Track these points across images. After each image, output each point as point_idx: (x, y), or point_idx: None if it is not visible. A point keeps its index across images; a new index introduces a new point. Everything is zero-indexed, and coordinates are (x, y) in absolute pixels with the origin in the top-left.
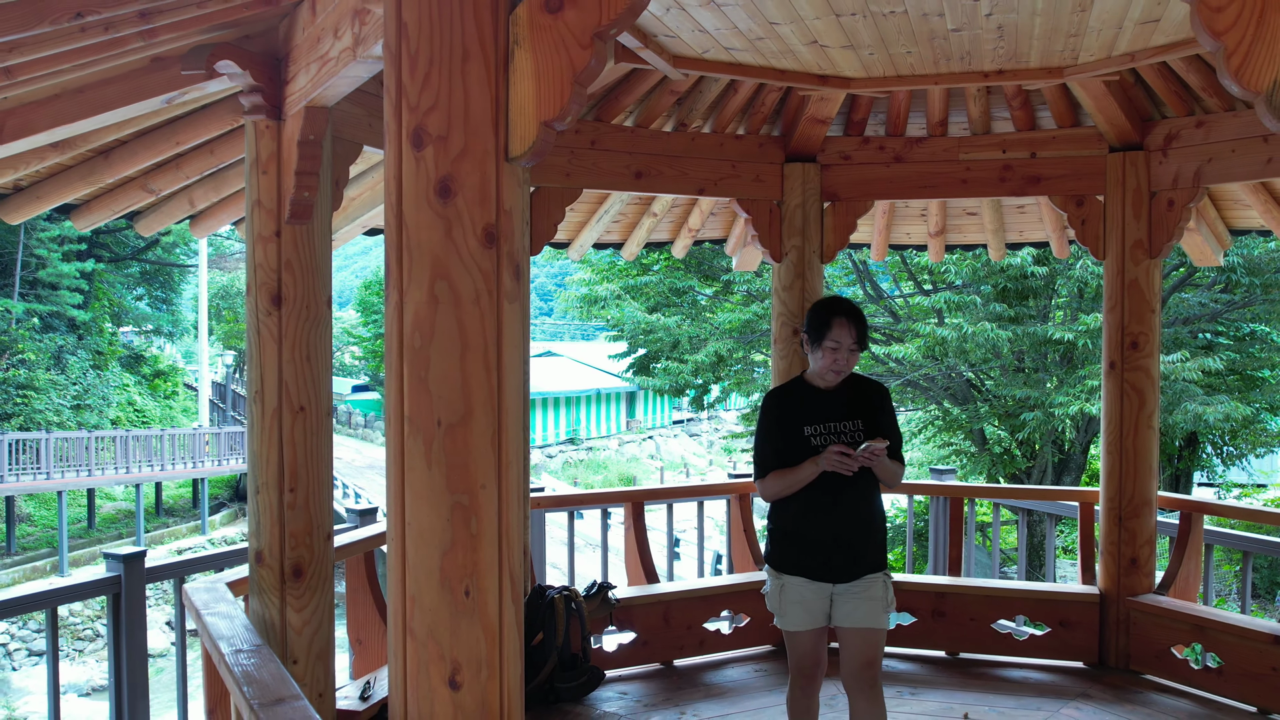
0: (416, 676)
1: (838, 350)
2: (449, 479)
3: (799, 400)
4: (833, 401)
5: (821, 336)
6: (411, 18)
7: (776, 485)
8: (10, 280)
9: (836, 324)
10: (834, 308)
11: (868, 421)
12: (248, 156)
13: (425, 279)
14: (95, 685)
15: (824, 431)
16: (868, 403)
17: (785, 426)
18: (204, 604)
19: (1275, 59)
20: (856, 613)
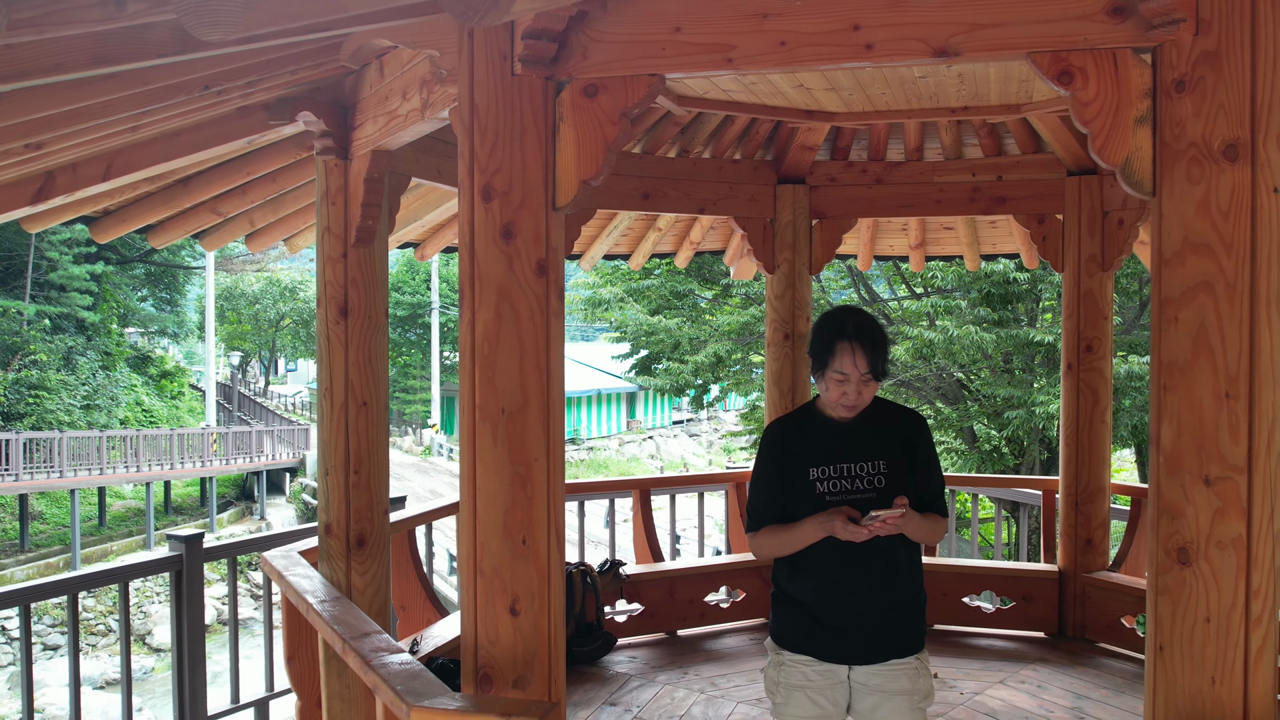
0: (485, 606)
1: (846, 383)
2: (510, 454)
3: (805, 434)
4: (849, 436)
5: (825, 364)
6: (482, 101)
7: (770, 545)
8: (22, 282)
9: (841, 350)
10: (840, 327)
11: (894, 462)
12: (318, 189)
13: (492, 301)
14: (110, 678)
15: (834, 475)
16: (895, 438)
17: (786, 468)
18: (284, 567)
19: (1126, 143)
20: (878, 712)
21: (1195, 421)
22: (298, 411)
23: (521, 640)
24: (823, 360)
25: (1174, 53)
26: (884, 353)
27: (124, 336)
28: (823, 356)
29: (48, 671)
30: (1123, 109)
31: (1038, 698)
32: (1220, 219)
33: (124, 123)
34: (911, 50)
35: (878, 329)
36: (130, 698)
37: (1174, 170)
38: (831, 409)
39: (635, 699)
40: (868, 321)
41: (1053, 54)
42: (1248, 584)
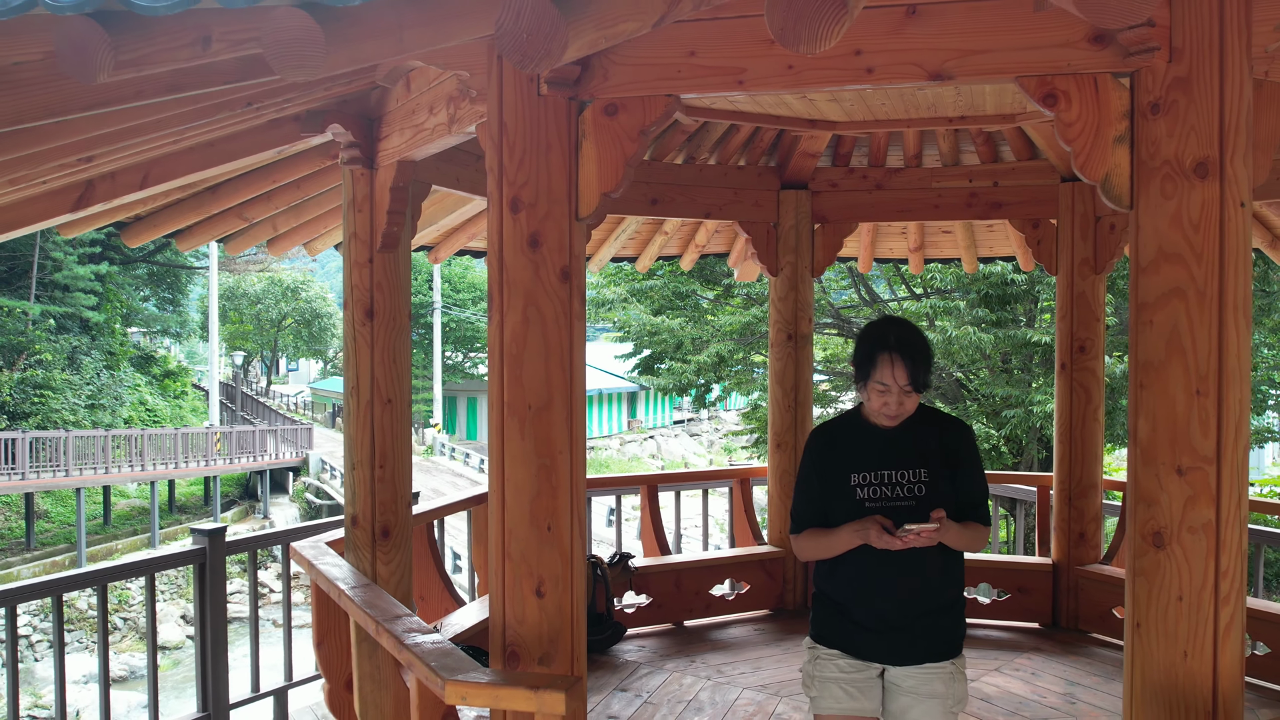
0: (512, 588)
1: (887, 393)
2: (536, 447)
3: (849, 440)
4: (891, 443)
5: (867, 375)
6: (510, 119)
7: (810, 547)
8: (27, 282)
9: (882, 361)
10: (882, 339)
11: (936, 471)
12: (345, 197)
13: (519, 305)
14: (117, 675)
15: (875, 482)
16: (939, 446)
17: (827, 473)
18: (314, 557)
19: (1106, 160)
20: (910, 714)
21: (1169, 416)
22: (300, 411)
23: (546, 620)
24: (865, 370)
25: (1150, 78)
26: (926, 364)
27: (127, 336)
28: (865, 367)
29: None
30: (1103, 129)
31: (1031, 684)
32: (1191, 231)
33: (170, 136)
34: (909, 74)
35: (920, 340)
36: (156, 688)
37: (1150, 186)
38: (875, 417)
39: (645, 685)
40: (909, 333)
41: (1039, 78)
42: (1217, 565)
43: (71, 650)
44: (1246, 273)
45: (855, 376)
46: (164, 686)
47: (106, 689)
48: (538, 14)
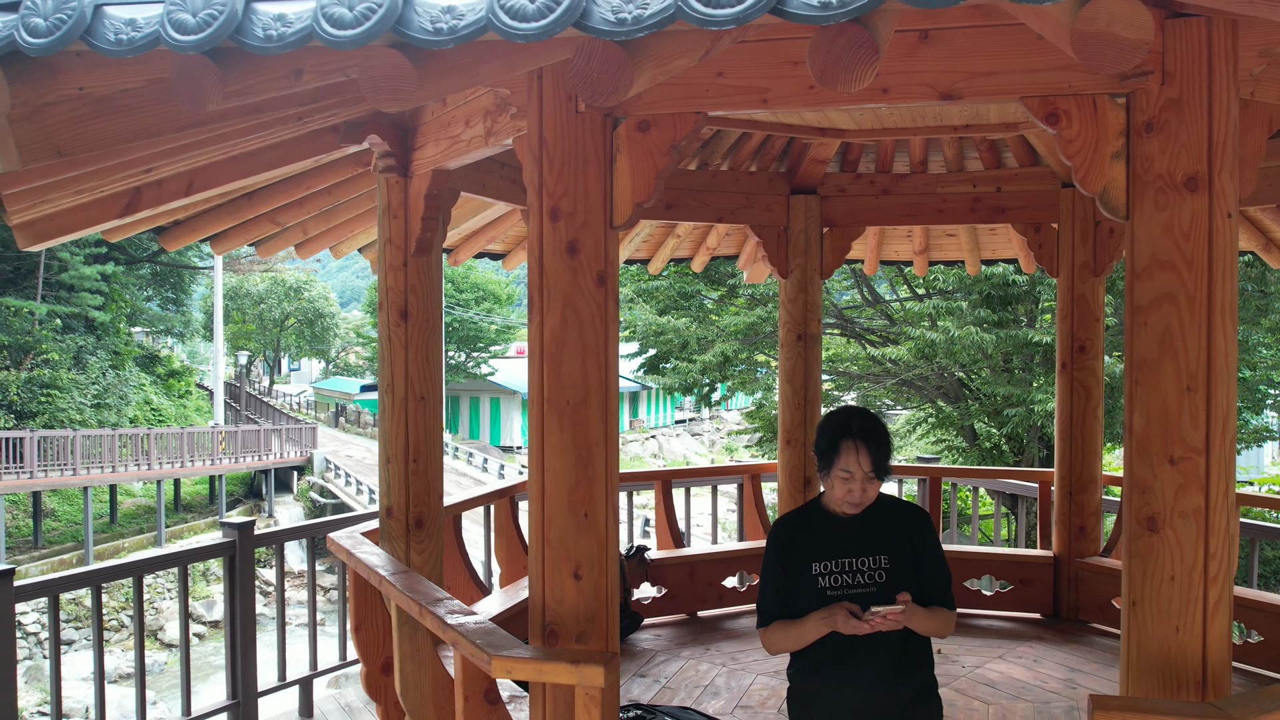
0: (551, 572)
1: (851, 481)
2: (574, 439)
3: (810, 530)
4: (852, 532)
5: (830, 463)
6: (550, 134)
7: (779, 640)
8: (33, 282)
9: (845, 449)
10: (845, 427)
11: (896, 558)
12: (380, 204)
13: (558, 308)
14: (124, 672)
15: (836, 570)
16: (898, 534)
17: (791, 563)
18: (352, 546)
19: (1104, 174)
20: None
21: (1161, 411)
22: (303, 411)
23: (583, 601)
24: (829, 459)
25: (1144, 99)
26: (887, 452)
27: (131, 336)
28: (829, 455)
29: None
30: (1101, 145)
31: (1033, 670)
32: (1182, 240)
33: (223, 148)
34: (921, 94)
35: (881, 429)
36: (189, 677)
37: (1144, 198)
38: (837, 505)
39: (663, 671)
40: (871, 422)
41: (1042, 98)
42: (1206, 548)
43: (80, 648)
44: (1233, 278)
45: (819, 465)
46: (166, 683)
47: (143, 682)
48: (607, 57)
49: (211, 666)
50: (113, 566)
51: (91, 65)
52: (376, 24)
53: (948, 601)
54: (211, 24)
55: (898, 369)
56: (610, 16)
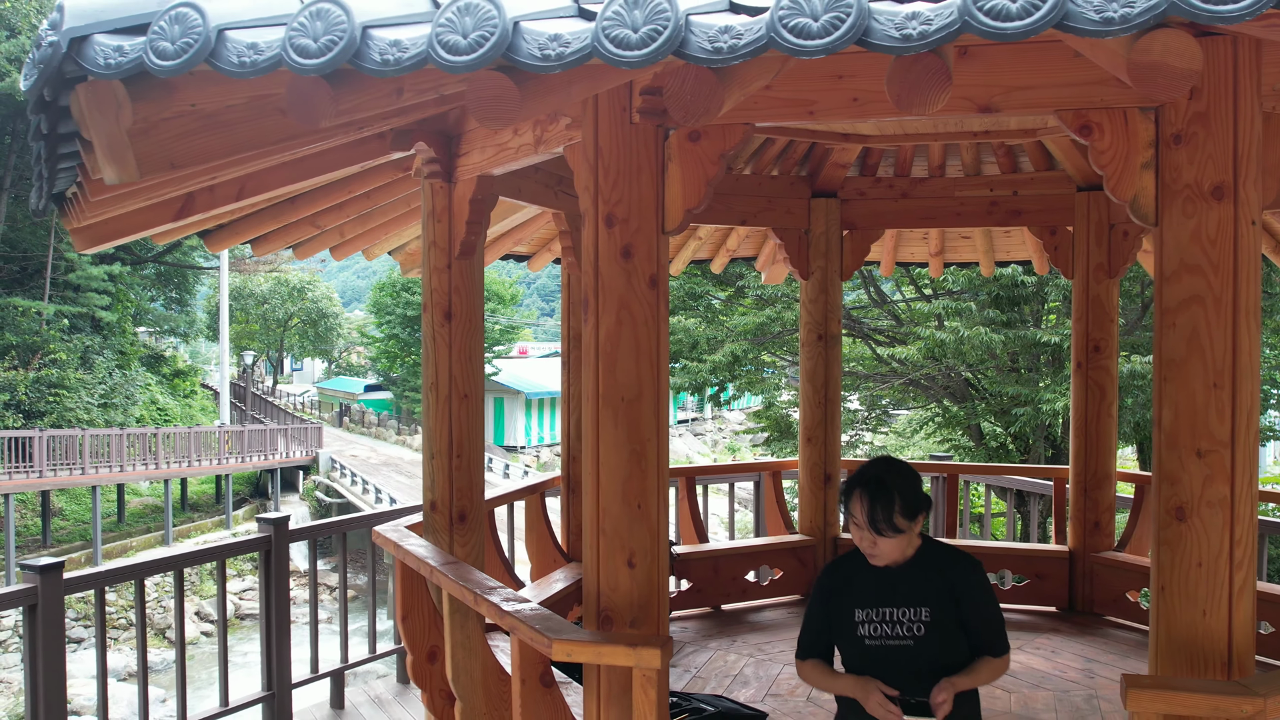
0: (606, 560)
1: (860, 529)
2: (628, 434)
3: (856, 576)
4: (896, 581)
5: (848, 511)
6: (605, 144)
7: (813, 679)
8: (40, 282)
9: (855, 497)
10: (858, 477)
11: (938, 610)
12: (424, 208)
13: (613, 309)
14: (132, 670)
15: (876, 619)
16: (943, 585)
17: (833, 606)
18: (398, 538)
19: (1134, 183)
20: None
21: (1189, 406)
22: (307, 410)
23: (637, 588)
24: (846, 509)
25: (1173, 113)
26: (889, 505)
27: (136, 336)
28: (846, 506)
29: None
30: (1131, 156)
31: (1052, 661)
32: (1209, 245)
33: (280, 155)
34: (961, 107)
35: (892, 483)
36: (226, 669)
37: (1172, 206)
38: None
39: (692, 661)
40: (881, 474)
41: (1075, 111)
42: (1231, 535)
43: (88, 646)
44: (1256, 282)
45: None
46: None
47: (184, 676)
48: (700, 80)
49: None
50: (156, 560)
51: (204, 83)
52: (489, 50)
53: (998, 649)
54: (332, 49)
55: (905, 369)
56: (707, 45)
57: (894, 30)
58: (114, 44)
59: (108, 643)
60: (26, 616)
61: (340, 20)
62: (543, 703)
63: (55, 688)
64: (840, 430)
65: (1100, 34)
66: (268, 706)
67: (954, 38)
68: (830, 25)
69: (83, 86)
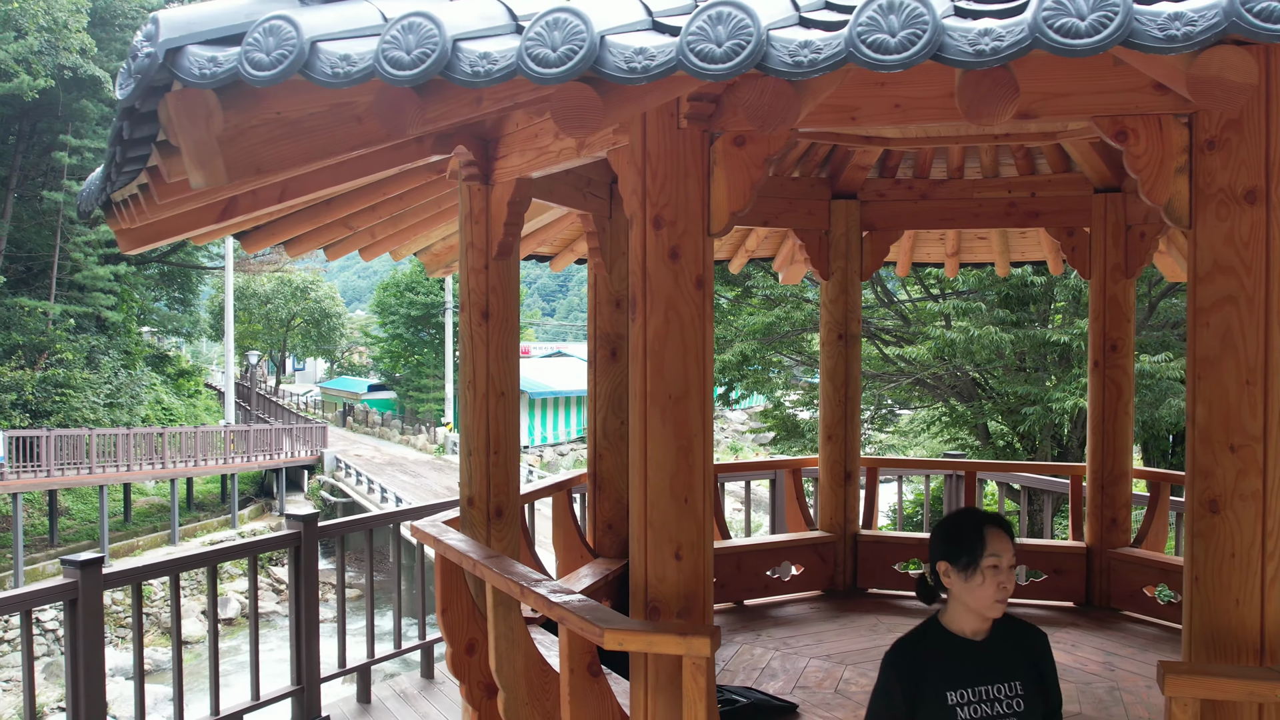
0: (654, 553)
1: (1000, 571)
2: (675, 431)
3: (938, 656)
4: (985, 656)
5: (977, 554)
6: (653, 149)
7: None
8: (45, 282)
9: (992, 534)
10: (979, 516)
11: (1028, 682)
12: (462, 210)
13: (661, 309)
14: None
15: (974, 699)
16: (1027, 655)
17: (922, 695)
18: (437, 533)
19: (1168, 187)
20: None
21: (1222, 403)
22: (310, 410)
23: (684, 579)
24: (974, 551)
25: (1206, 119)
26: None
27: (141, 336)
28: (973, 547)
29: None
30: (1166, 161)
31: (1073, 654)
32: (1242, 248)
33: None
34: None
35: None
36: (257, 665)
37: (1206, 210)
38: (979, 616)
39: (719, 655)
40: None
41: (1111, 118)
42: (1264, 527)
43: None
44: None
45: (954, 567)
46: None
47: (216, 668)
48: (778, 92)
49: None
50: (190, 556)
51: (290, 92)
52: (578, 63)
53: (1060, 713)
54: (424, 60)
55: (912, 368)
56: (788, 60)
57: (967, 46)
58: (208, 54)
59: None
60: (67, 611)
61: (432, 34)
62: (590, 691)
63: (95, 681)
64: (860, 428)
65: (1164, 51)
66: (297, 701)
67: (1025, 53)
68: (907, 41)
69: (172, 95)
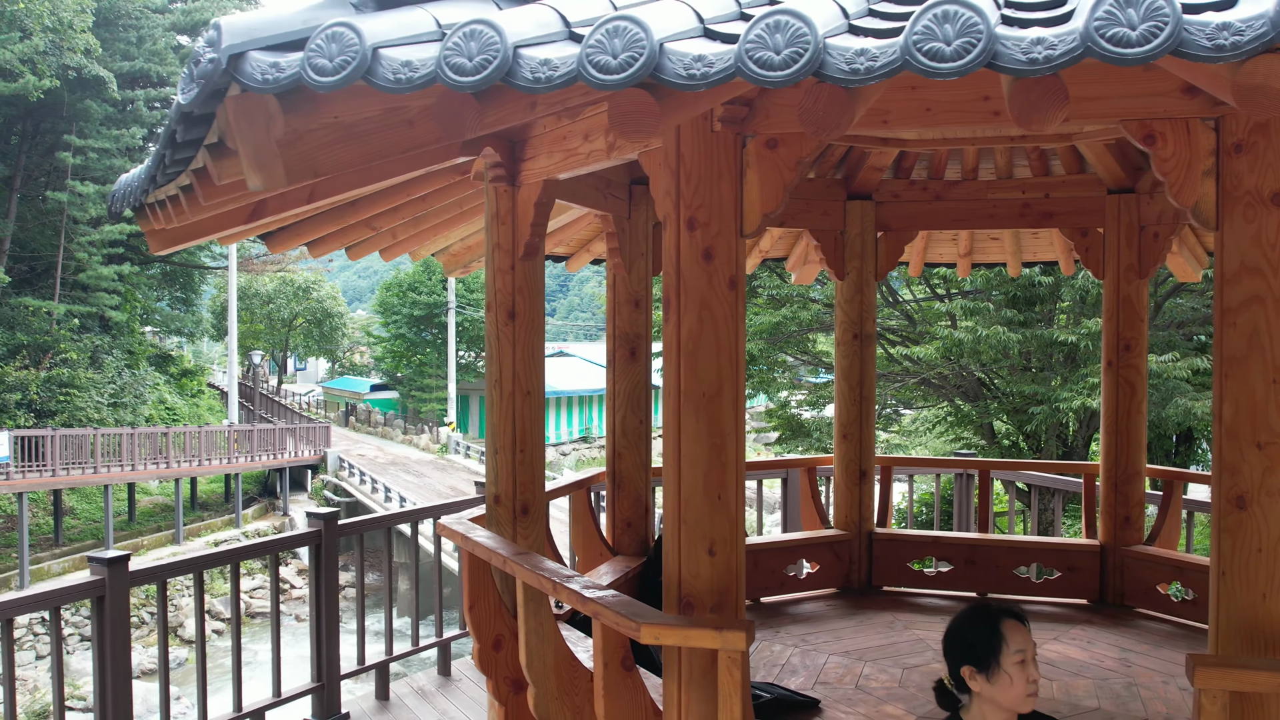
0: (687, 549)
1: (1027, 664)
2: (709, 428)
3: None
4: None
5: (997, 654)
6: (687, 151)
7: None
8: (49, 282)
9: (1010, 630)
10: (993, 614)
11: None
12: (488, 211)
13: (695, 308)
14: (145, 669)
15: None
16: None
17: None
18: (465, 530)
19: (1196, 190)
20: None
21: (1249, 401)
22: (312, 410)
23: (717, 575)
24: (995, 651)
25: (1233, 123)
26: None
27: (144, 335)
28: (993, 646)
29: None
30: (1193, 164)
31: (1088, 651)
32: (1269, 249)
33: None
34: None
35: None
36: (279, 662)
37: (1233, 212)
38: (1018, 706)
39: None
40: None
41: (1139, 121)
42: None
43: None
44: None
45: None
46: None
47: (239, 665)
48: (833, 98)
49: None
50: (214, 554)
51: (348, 97)
52: (638, 70)
53: None
54: (487, 67)
55: (918, 368)
56: (845, 67)
57: (1021, 54)
58: (270, 60)
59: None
60: (94, 608)
61: (494, 41)
62: (624, 685)
63: (121, 678)
64: (875, 427)
65: (1212, 60)
66: (317, 697)
67: (1077, 61)
68: (962, 49)
69: (232, 99)
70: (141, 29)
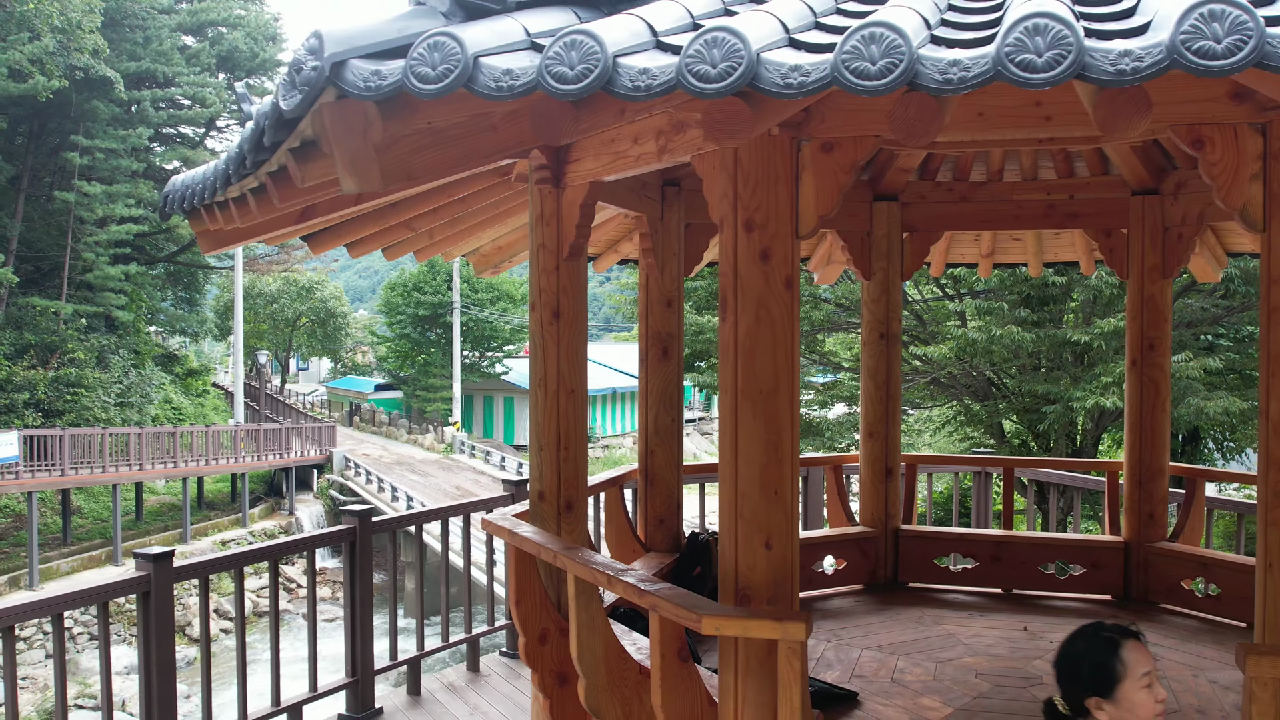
0: (744, 543)
1: (1154, 684)
2: (766, 425)
3: None
4: None
5: (1118, 677)
6: (744, 155)
7: None
8: (55, 282)
9: (1131, 651)
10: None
11: None
12: (532, 212)
13: (752, 308)
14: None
15: None
16: None
17: None
18: (511, 525)
19: (1243, 193)
20: None
21: None
22: (316, 409)
23: (773, 568)
24: (1116, 674)
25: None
26: None
27: (150, 335)
28: (1113, 670)
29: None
30: (1240, 168)
31: None
32: None
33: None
34: (1079, 121)
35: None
36: (315, 658)
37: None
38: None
39: None
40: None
41: (1188, 126)
42: None
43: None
44: None
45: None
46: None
47: (277, 660)
48: (923, 106)
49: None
50: (251, 551)
51: (441, 104)
52: (738, 79)
53: None
54: (588, 76)
55: (928, 368)
56: (938, 77)
57: (1109, 66)
58: (371, 68)
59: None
60: (140, 603)
61: (594, 50)
62: (680, 676)
63: (166, 672)
64: (900, 425)
65: None
66: (351, 693)
67: (1163, 73)
68: (1053, 60)
69: (328, 105)
70: (148, 29)
